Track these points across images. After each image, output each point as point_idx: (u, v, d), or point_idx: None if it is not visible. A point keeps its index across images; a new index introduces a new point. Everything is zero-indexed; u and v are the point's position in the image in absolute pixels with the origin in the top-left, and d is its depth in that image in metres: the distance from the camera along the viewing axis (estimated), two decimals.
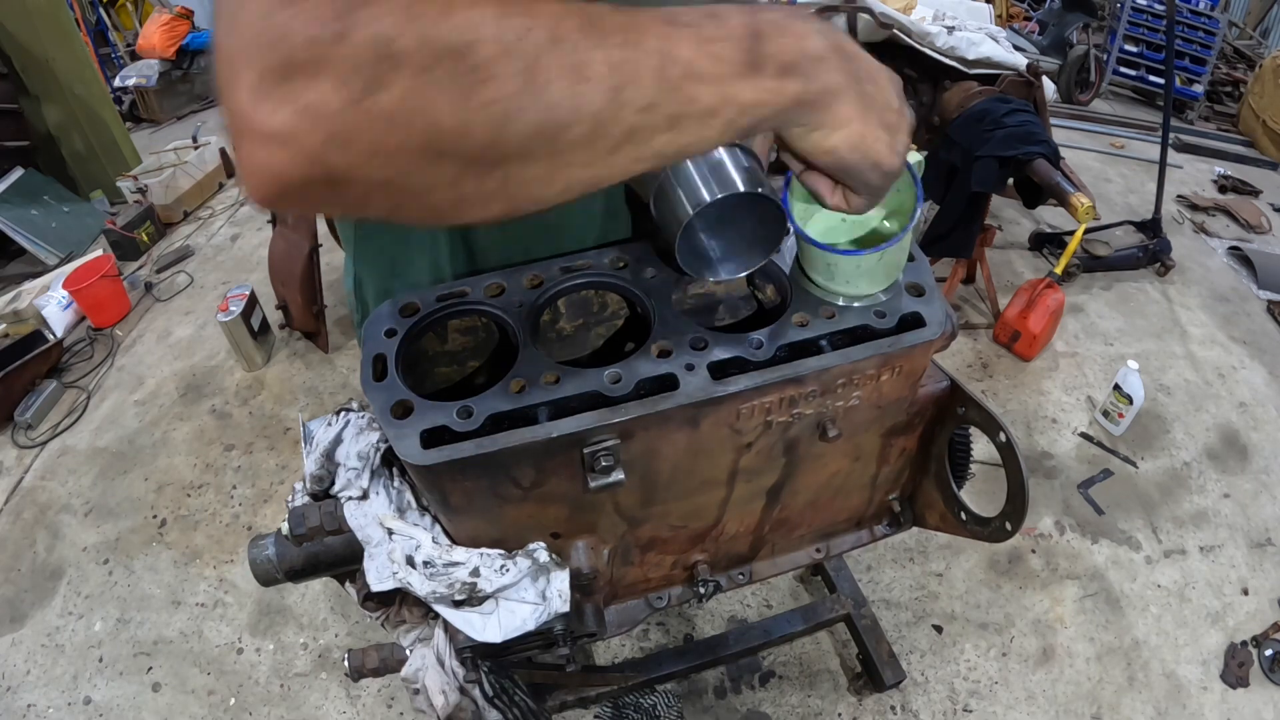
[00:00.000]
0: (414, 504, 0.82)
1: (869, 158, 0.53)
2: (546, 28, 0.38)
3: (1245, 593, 2.05)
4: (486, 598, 0.78)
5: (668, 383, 0.69)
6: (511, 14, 0.37)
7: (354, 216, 0.52)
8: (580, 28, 0.39)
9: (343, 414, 0.87)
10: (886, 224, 0.76)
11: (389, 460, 0.83)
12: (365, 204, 0.41)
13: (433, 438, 0.65)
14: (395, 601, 0.92)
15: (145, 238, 3.44)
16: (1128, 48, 5.22)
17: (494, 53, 0.37)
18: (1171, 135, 3.65)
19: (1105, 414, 2.51)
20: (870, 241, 0.76)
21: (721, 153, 0.58)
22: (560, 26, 0.39)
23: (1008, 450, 0.82)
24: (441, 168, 0.39)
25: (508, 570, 0.76)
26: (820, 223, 0.76)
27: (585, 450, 0.68)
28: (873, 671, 1.66)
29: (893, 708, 1.74)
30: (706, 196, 0.56)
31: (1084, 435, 2.49)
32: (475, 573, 0.76)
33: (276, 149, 0.36)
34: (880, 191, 0.58)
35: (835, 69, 0.49)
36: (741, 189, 0.56)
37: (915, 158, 0.71)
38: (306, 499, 0.85)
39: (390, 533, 0.78)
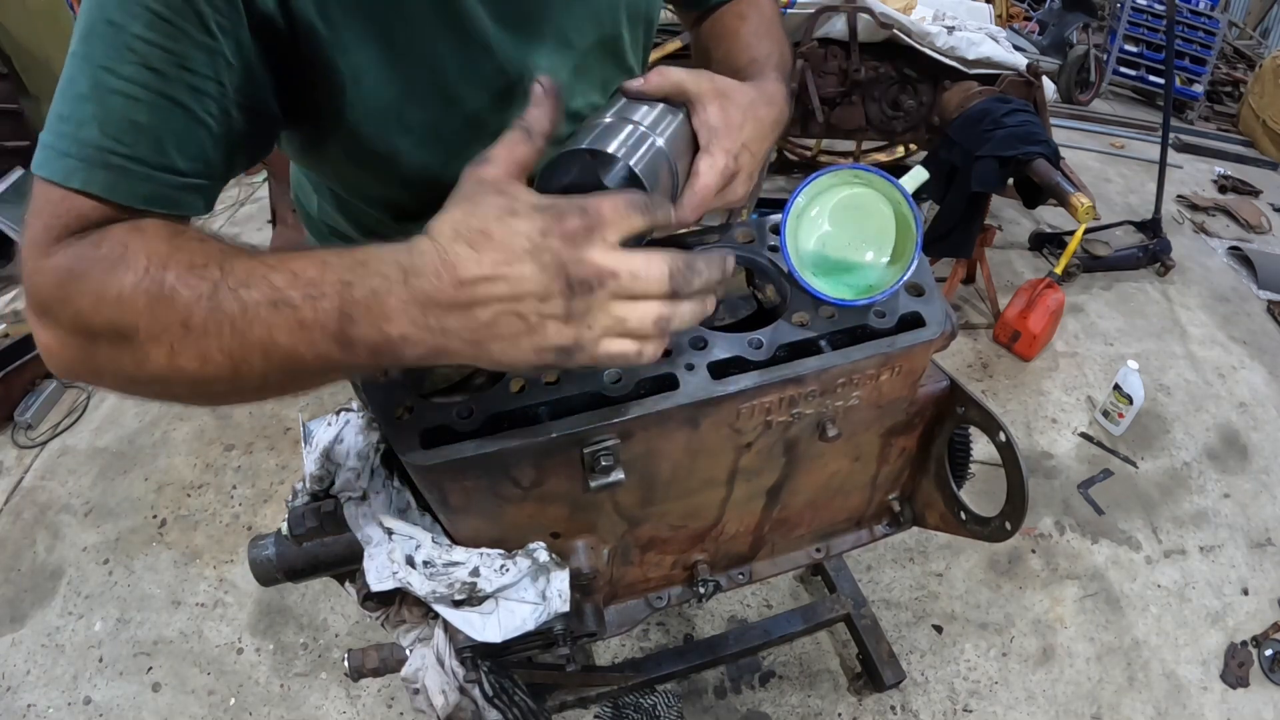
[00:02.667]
0: (414, 504, 0.82)
1: (532, 363, 0.49)
2: (180, 318, 0.48)
3: (1245, 593, 2.06)
4: (486, 597, 0.78)
5: (668, 383, 0.69)
6: (160, 305, 0.48)
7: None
8: (204, 318, 0.48)
9: (343, 414, 0.87)
10: (881, 254, 0.75)
11: (389, 460, 0.83)
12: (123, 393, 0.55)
13: (433, 438, 0.65)
14: (395, 601, 0.91)
15: None
16: (1128, 48, 5.23)
17: (146, 338, 0.49)
18: (1171, 135, 3.65)
19: (1105, 414, 2.51)
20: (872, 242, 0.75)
21: (636, 122, 0.60)
22: (192, 316, 0.48)
23: (1007, 450, 0.82)
24: (149, 396, 0.54)
25: (508, 570, 0.76)
26: (815, 236, 0.76)
27: (585, 450, 0.68)
28: (873, 671, 1.66)
29: (893, 708, 1.74)
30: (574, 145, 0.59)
31: (1084, 435, 2.50)
32: (475, 572, 0.76)
33: (48, 355, 0.53)
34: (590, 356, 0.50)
35: (425, 339, 0.47)
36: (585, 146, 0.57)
37: (919, 176, 0.70)
38: (306, 499, 0.85)
39: (390, 533, 0.78)
